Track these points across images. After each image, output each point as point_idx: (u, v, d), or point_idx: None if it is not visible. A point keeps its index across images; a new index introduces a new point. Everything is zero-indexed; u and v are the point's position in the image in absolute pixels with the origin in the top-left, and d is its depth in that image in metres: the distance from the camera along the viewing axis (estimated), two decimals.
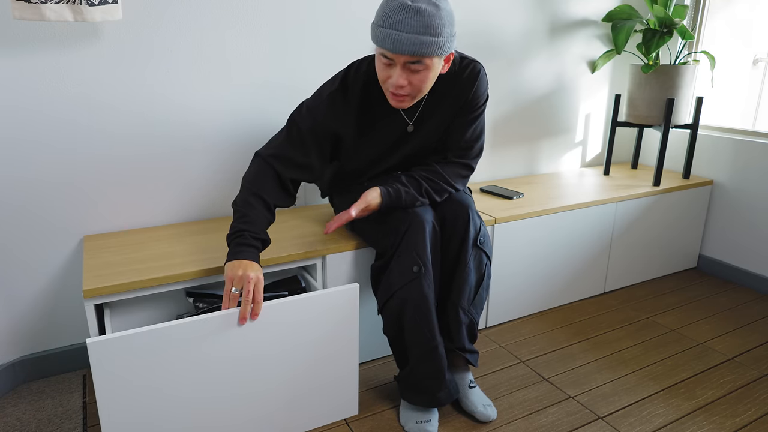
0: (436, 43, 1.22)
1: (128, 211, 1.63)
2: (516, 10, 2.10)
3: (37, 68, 1.42)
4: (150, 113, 1.59)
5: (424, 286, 1.34)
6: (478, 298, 1.45)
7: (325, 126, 1.40)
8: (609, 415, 1.45)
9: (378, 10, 1.24)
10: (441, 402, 1.39)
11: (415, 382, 1.39)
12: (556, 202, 1.95)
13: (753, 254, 2.22)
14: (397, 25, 1.19)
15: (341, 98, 1.38)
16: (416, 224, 1.36)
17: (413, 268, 1.34)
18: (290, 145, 1.40)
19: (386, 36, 1.20)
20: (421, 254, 1.34)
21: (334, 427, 1.40)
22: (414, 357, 1.38)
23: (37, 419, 1.43)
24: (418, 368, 1.38)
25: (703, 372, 1.65)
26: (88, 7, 1.36)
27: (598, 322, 1.95)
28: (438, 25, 1.20)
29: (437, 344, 1.36)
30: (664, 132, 2.16)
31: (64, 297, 1.59)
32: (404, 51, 1.21)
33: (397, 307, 1.36)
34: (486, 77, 1.45)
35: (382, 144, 1.47)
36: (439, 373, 1.37)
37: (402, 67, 1.25)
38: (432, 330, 1.35)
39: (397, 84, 1.26)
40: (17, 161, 1.45)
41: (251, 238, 1.29)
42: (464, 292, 1.42)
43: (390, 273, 1.38)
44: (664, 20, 2.07)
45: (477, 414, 1.43)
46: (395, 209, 1.42)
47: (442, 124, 1.46)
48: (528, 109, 2.28)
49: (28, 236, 1.51)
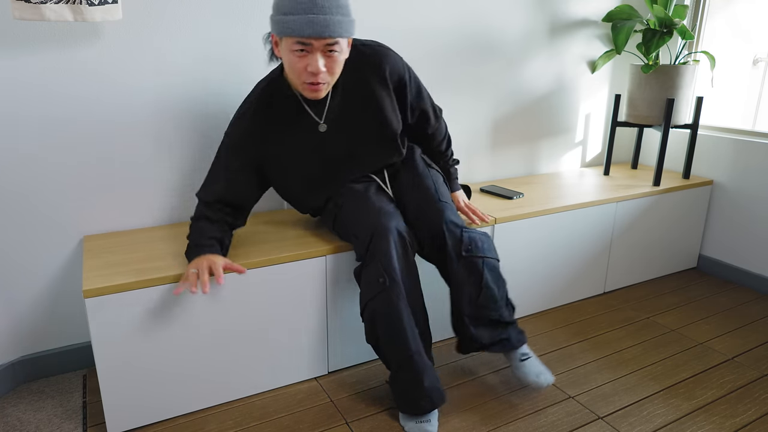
0: (350, 23, 1.22)
1: (128, 211, 1.63)
2: (516, 10, 2.10)
3: (37, 68, 1.42)
4: (150, 113, 1.59)
5: (392, 298, 1.32)
6: (484, 298, 1.44)
7: (245, 155, 1.39)
8: (609, 415, 1.45)
9: (276, 1, 1.20)
10: (424, 410, 1.36)
11: (398, 389, 1.39)
12: (556, 202, 1.95)
13: (753, 254, 2.22)
14: (311, 9, 1.15)
15: (249, 122, 1.38)
16: (379, 233, 1.35)
17: (379, 279, 1.33)
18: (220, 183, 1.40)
19: (304, 22, 1.16)
20: (386, 265, 1.33)
21: (334, 426, 1.40)
22: (393, 365, 1.38)
23: (37, 419, 1.43)
24: (398, 376, 1.38)
25: (703, 372, 1.65)
26: (88, 7, 1.36)
27: (598, 322, 1.95)
28: (346, 5, 1.21)
29: (412, 354, 1.34)
30: (664, 132, 2.16)
31: (64, 297, 1.59)
32: (325, 33, 1.17)
33: (369, 318, 1.37)
34: (393, 54, 1.42)
35: (302, 155, 1.43)
36: (418, 382, 1.35)
37: (321, 51, 1.22)
38: (405, 340, 1.34)
39: (317, 70, 1.23)
40: (17, 161, 1.45)
41: (206, 238, 1.33)
42: (462, 302, 1.44)
43: (361, 283, 1.38)
44: (664, 20, 2.07)
45: (530, 384, 1.47)
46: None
47: (372, 114, 1.42)
48: (528, 109, 2.27)
49: (28, 236, 1.51)
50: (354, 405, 1.49)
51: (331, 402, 1.50)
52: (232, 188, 1.40)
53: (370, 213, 1.40)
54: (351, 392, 1.54)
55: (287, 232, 1.62)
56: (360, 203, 1.45)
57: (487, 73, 2.12)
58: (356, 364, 1.67)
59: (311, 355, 1.57)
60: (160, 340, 1.34)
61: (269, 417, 1.43)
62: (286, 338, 1.51)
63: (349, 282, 1.56)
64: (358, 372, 1.64)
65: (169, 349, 1.36)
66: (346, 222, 1.46)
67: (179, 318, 1.35)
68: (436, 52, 1.99)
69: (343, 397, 1.52)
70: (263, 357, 1.50)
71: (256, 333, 1.46)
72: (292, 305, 1.49)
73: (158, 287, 1.31)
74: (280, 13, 1.20)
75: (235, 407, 1.47)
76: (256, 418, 1.43)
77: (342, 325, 1.59)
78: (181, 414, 1.43)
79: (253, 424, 1.40)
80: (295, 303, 1.49)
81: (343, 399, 1.51)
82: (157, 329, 1.33)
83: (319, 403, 1.49)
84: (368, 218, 1.39)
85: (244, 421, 1.42)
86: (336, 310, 1.56)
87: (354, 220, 1.43)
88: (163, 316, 1.33)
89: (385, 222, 1.37)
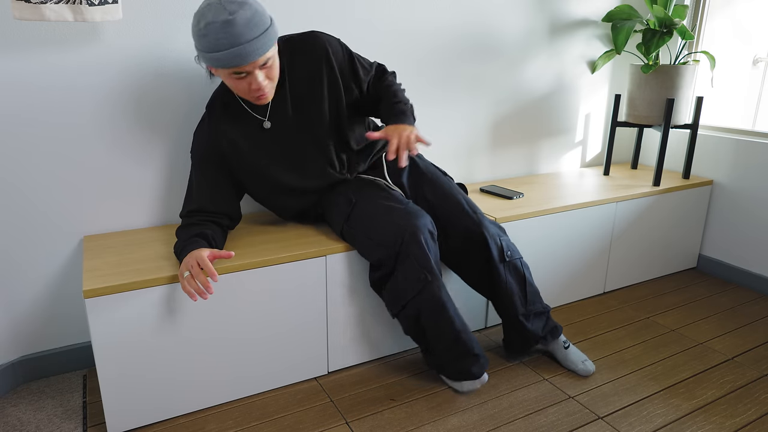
0: (271, 33, 1.25)
1: (128, 212, 1.63)
2: (516, 10, 2.10)
3: (37, 68, 1.42)
4: (150, 114, 1.59)
5: (434, 291, 1.39)
6: (530, 294, 1.58)
7: (213, 161, 1.42)
8: (609, 415, 1.45)
9: (197, 38, 1.22)
10: (475, 375, 1.49)
11: (445, 362, 1.50)
12: (556, 202, 1.95)
13: (753, 254, 2.22)
14: (232, 43, 1.19)
15: (207, 129, 1.42)
16: (412, 234, 1.38)
17: (419, 277, 1.38)
18: (197, 197, 1.42)
19: (231, 55, 1.20)
20: (424, 263, 1.38)
21: (334, 426, 1.40)
22: (440, 347, 1.46)
23: (37, 419, 1.43)
24: (447, 354, 1.47)
25: (703, 372, 1.65)
26: (88, 7, 1.36)
27: (598, 322, 1.95)
28: (259, 19, 1.22)
29: (460, 333, 1.44)
30: (664, 132, 2.16)
31: (64, 297, 1.59)
32: (254, 57, 1.22)
33: (413, 315, 1.43)
34: (327, 36, 1.45)
35: (259, 155, 1.45)
36: (468, 352, 1.46)
37: (258, 69, 1.27)
38: (452, 325, 1.43)
39: (259, 87, 1.28)
40: (17, 161, 1.45)
41: (191, 236, 1.34)
42: (516, 301, 1.55)
43: (396, 285, 1.41)
44: (664, 20, 2.07)
45: (578, 371, 1.60)
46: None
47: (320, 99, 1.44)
48: (528, 109, 2.28)
49: (29, 236, 1.51)
50: (354, 405, 1.49)
51: (331, 402, 1.50)
52: (211, 198, 1.43)
53: (395, 213, 1.42)
54: (351, 392, 1.54)
55: (287, 232, 1.61)
56: (379, 202, 1.46)
57: (487, 73, 2.12)
58: (356, 364, 1.67)
59: (311, 355, 1.57)
60: (160, 340, 1.34)
61: (269, 417, 1.43)
62: (286, 338, 1.51)
63: (349, 282, 1.56)
64: (358, 372, 1.64)
65: (169, 349, 1.36)
66: (362, 222, 1.45)
67: (179, 318, 1.35)
68: (437, 52, 1.99)
69: (343, 397, 1.52)
70: (263, 357, 1.50)
71: (256, 333, 1.46)
72: (292, 305, 1.49)
73: (158, 287, 1.31)
74: (204, 47, 1.22)
75: (235, 407, 1.47)
76: (256, 418, 1.43)
77: (342, 325, 1.59)
78: (181, 414, 1.43)
79: (253, 424, 1.41)
80: (295, 303, 1.49)
81: (343, 399, 1.51)
82: (157, 329, 1.33)
83: (319, 403, 1.49)
84: (394, 219, 1.40)
85: (244, 421, 1.42)
86: (336, 310, 1.56)
87: (373, 221, 1.43)
88: (163, 316, 1.33)
89: (415, 222, 1.40)
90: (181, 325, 1.36)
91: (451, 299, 1.44)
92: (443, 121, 2.08)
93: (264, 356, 1.50)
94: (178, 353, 1.38)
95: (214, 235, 1.38)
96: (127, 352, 1.32)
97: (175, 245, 1.36)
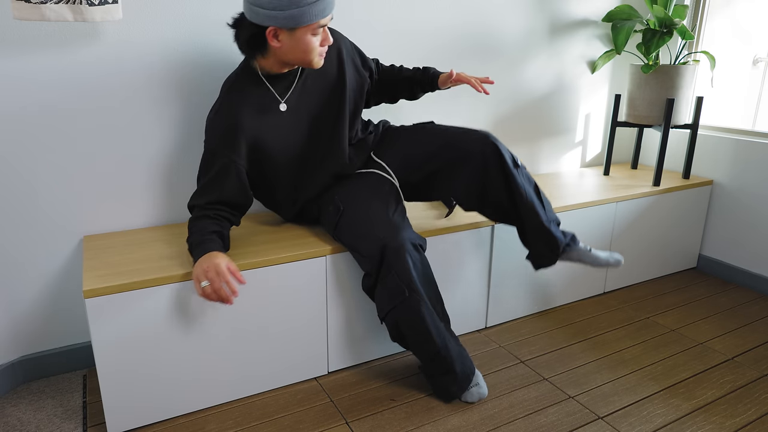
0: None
1: (128, 212, 1.63)
2: (516, 10, 2.10)
3: (37, 68, 1.42)
4: (150, 114, 1.59)
5: (413, 305, 1.38)
6: (546, 202, 1.59)
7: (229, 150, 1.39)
8: (609, 415, 1.45)
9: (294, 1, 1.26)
10: (453, 395, 1.47)
11: (429, 376, 1.50)
12: (556, 202, 1.95)
13: (753, 254, 2.22)
14: None
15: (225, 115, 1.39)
16: (393, 249, 1.37)
17: (398, 291, 1.37)
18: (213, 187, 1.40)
19: (322, 6, 1.28)
20: (405, 278, 1.37)
21: (334, 426, 1.40)
22: (423, 358, 1.46)
23: (37, 419, 1.43)
24: (429, 367, 1.47)
25: (703, 372, 1.65)
26: (88, 7, 1.36)
27: (598, 322, 1.95)
28: None
29: (439, 350, 1.42)
30: (664, 132, 2.16)
31: (64, 297, 1.59)
32: (332, 7, 1.32)
33: (393, 323, 1.43)
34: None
35: (272, 139, 1.45)
36: (448, 370, 1.45)
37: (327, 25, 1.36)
38: (431, 340, 1.41)
39: (330, 40, 1.37)
40: (17, 161, 1.45)
41: (207, 233, 1.33)
42: (538, 209, 1.54)
43: (377, 296, 1.42)
44: (664, 20, 2.07)
45: (612, 263, 1.63)
46: None
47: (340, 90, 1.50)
48: (528, 109, 2.28)
49: (29, 236, 1.51)
50: (354, 405, 1.49)
51: (331, 402, 1.50)
52: (227, 188, 1.40)
53: (376, 226, 1.41)
54: (351, 392, 1.54)
55: (287, 232, 1.62)
56: (362, 213, 1.45)
57: (487, 73, 2.12)
58: (356, 364, 1.67)
59: (311, 355, 1.57)
60: (160, 340, 1.34)
61: (269, 417, 1.43)
62: (286, 338, 1.51)
63: (349, 282, 1.56)
64: (358, 372, 1.64)
65: (169, 349, 1.36)
66: (348, 233, 1.45)
67: (179, 318, 1.35)
68: (437, 52, 1.99)
69: (343, 397, 1.52)
70: (263, 357, 1.50)
71: (256, 333, 1.46)
72: (292, 305, 1.49)
73: (158, 287, 1.31)
74: (294, 6, 1.26)
75: (235, 407, 1.47)
76: (256, 418, 1.43)
77: (342, 325, 1.59)
78: (181, 414, 1.43)
79: (253, 424, 1.41)
80: (295, 303, 1.49)
81: (343, 399, 1.51)
82: (157, 329, 1.33)
83: (319, 403, 1.49)
84: (375, 232, 1.39)
85: (244, 421, 1.42)
86: (336, 310, 1.56)
87: (357, 233, 1.42)
88: (163, 316, 1.33)
89: (396, 236, 1.38)
90: (182, 325, 1.36)
91: (433, 315, 1.41)
92: (443, 121, 2.08)
93: (264, 356, 1.50)
94: (178, 353, 1.38)
95: (227, 234, 1.39)
96: (127, 352, 1.32)
97: (190, 238, 1.35)
